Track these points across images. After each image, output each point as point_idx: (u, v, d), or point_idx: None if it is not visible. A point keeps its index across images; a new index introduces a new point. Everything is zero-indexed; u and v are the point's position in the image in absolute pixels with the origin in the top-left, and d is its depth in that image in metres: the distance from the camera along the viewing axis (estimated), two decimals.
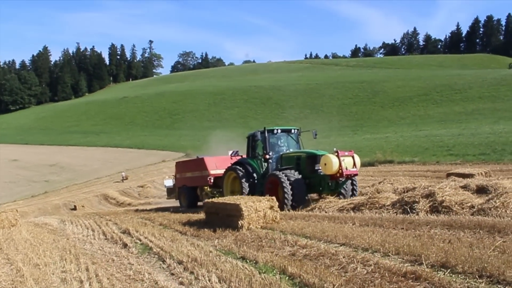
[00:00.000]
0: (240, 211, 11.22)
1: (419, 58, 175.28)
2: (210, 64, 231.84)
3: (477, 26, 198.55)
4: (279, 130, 16.85)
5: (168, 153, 68.83)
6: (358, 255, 7.19)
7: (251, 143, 17.32)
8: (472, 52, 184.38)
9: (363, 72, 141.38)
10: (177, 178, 23.00)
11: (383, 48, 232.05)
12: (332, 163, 13.98)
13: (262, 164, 16.79)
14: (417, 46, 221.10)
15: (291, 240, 9.04)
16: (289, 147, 17.18)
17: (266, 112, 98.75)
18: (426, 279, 5.64)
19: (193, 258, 8.12)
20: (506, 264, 5.75)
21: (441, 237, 8.01)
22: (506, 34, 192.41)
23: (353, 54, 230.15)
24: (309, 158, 15.40)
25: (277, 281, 6.27)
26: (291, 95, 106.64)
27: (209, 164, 19.72)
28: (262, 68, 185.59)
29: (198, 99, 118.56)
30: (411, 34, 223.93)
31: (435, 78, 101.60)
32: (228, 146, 22.45)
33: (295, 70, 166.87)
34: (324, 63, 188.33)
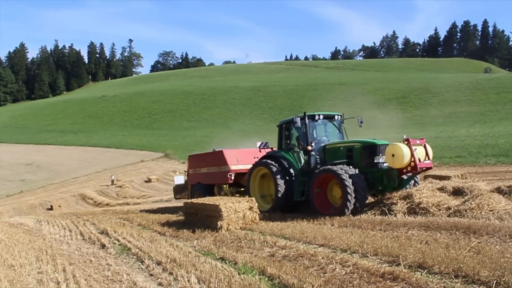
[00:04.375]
0: (220, 212, 11.24)
1: (398, 61, 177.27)
2: (190, 64, 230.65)
3: (454, 31, 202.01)
4: (321, 116, 14.18)
5: (147, 153, 68.29)
6: (337, 256, 7.26)
7: (284, 132, 14.86)
8: (449, 56, 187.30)
9: (343, 74, 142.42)
10: (189, 174, 19.85)
11: (362, 51, 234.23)
12: (403, 153, 11.35)
13: (299, 158, 14.15)
14: (396, 49, 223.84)
15: (271, 241, 9.07)
16: (331, 137, 14.46)
17: (245, 113, 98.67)
18: (404, 280, 5.72)
19: (172, 259, 8.08)
20: (481, 264, 5.87)
21: (418, 238, 8.14)
22: (482, 40, 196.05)
23: (333, 56, 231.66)
24: (366, 148, 12.67)
25: (257, 281, 6.28)
26: (271, 96, 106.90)
27: (230, 158, 16.77)
28: (242, 69, 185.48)
29: (177, 99, 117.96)
30: (390, 38, 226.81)
31: (413, 81, 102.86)
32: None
33: (275, 71, 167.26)
34: (304, 65, 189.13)
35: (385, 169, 12.29)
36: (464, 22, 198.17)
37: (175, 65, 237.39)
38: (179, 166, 53.32)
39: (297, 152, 14.21)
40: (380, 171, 12.35)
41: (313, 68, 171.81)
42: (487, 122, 49.69)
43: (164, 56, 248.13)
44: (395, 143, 11.72)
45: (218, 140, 38.20)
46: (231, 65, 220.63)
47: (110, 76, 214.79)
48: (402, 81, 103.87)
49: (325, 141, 14.14)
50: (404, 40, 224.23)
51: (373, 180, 12.34)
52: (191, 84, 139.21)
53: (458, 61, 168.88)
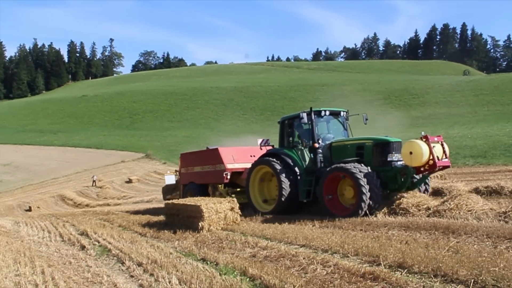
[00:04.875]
0: (201, 213, 11.22)
1: (379, 63, 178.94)
2: (172, 64, 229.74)
3: (434, 33, 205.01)
4: (327, 111, 13.35)
5: (127, 153, 67.76)
6: (318, 256, 7.29)
7: (286, 129, 14.13)
8: (429, 58, 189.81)
9: (324, 75, 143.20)
10: (182, 174, 18.84)
11: (344, 52, 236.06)
12: (422, 151, 10.80)
13: (304, 156, 13.36)
14: (377, 51, 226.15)
15: (252, 242, 9.07)
16: (336, 134, 13.77)
17: (227, 113, 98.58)
18: (384, 279, 5.77)
19: (153, 260, 8.03)
20: (459, 264, 5.96)
21: (398, 238, 8.22)
22: (461, 42, 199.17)
23: (314, 57, 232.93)
24: (378, 146, 11.96)
25: (238, 282, 6.28)
26: (253, 97, 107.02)
27: (225, 156, 15.93)
28: (224, 69, 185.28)
29: (159, 99, 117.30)
30: (371, 39, 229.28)
31: (394, 83, 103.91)
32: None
33: (257, 72, 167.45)
34: (286, 66, 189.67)
35: (399, 167, 11.67)
36: (444, 25, 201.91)
37: (157, 65, 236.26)
38: (160, 167, 53.06)
39: (301, 150, 13.47)
40: (394, 170, 11.70)
41: (294, 69, 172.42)
42: (465, 124, 50.39)
43: (145, 56, 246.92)
44: (413, 140, 11.13)
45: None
46: (213, 65, 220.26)
47: (91, 75, 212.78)
48: (383, 83, 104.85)
49: (330, 138, 13.42)
50: (385, 42, 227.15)
51: (386, 179, 11.69)
52: (172, 84, 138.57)
53: (437, 64, 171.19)
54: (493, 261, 6.01)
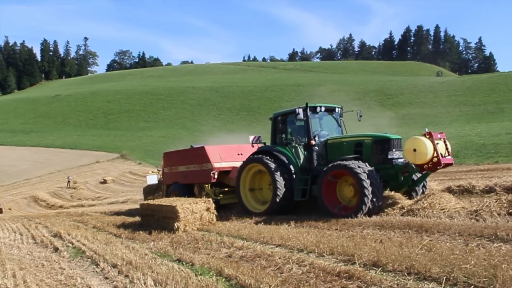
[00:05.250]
0: (176, 213, 11.18)
1: (354, 64, 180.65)
2: (148, 64, 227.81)
3: (408, 35, 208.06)
4: (322, 107, 12.85)
5: (102, 153, 67.00)
6: (293, 256, 7.32)
7: (278, 125, 13.56)
8: (403, 59, 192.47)
9: (300, 75, 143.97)
10: (165, 174, 18.04)
11: (319, 53, 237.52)
12: (426, 148, 10.42)
13: (298, 154, 12.80)
14: (352, 52, 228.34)
15: (228, 242, 9.07)
16: (330, 131, 13.18)
17: (203, 113, 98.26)
18: (359, 278, 5.82)
19: (128, 261, 7.96)
20: (432, 262, 6.05)
21: (373, 237, 8.31)
22: (434, 44, 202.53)
23: (290, 57, 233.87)
24: (378, 143, 11.51)
25: (214, 283, 6.27)
26: (229, 97, 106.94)
27: (212, 155, 15.26)
28: (200, 69, 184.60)
29: (134, 99, 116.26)
30: (347, 40, 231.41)
31: (369, 83, 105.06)
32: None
33: (233, 72, 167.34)
34: (262, 66, 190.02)
35: (400, 165, 11.25)
36: (418, 27, 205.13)
37: (132, 65, 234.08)
38: (136, 167, 52.66)
39: (295, 147, 12.89)
40: (395, 168, 11.26)
41: (270, 69, 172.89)
42: (439, 124, 51.23)
43: (120, 55, 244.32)
44: (417, 137, 10.71)
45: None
46: (189, 65, 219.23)
47: (65, 74, 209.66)
48: (358, 83, 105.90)
49: (325, 135, 12.88)
50: (360, 43, 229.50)
51: (386, 177, 11.26)
52: (148, 84, 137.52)
53: (411, 65, 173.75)
54: (464, 258, 6.12)
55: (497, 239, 7.23)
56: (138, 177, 46.92)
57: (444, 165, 10.82)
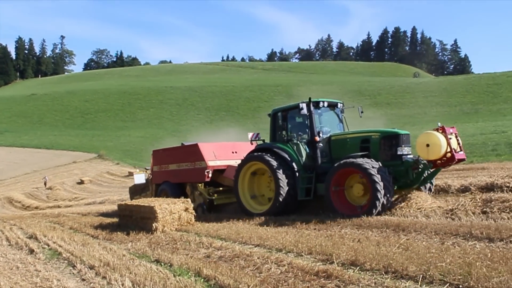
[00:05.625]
0: (155, 214, 11.12)
1: (332, 64, 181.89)
2: (126, 63, 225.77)
3: (386, 36, 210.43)
4: (325, 103, 12.47)
5: (79, 153, 66.20)
6: (272, 256, 7.34)
7: (278, 121, 13.03)
8: (381, 60, 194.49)
9: (279, 76, 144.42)
10: (154, 172, 17.28)
11: (298, 53, 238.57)
12: (440, 143, 10.00)
13: (300, 151, 12.23)
14: (330, 52, 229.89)
15: (206, 242, 9.04)
16: (332, 127, 12.68)
17: (181, 113, 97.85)
18: (337, 277, 5.87)
19: (106, 263, 7.88)
20: (409, 260, 6.13)
21: (351, 236, 8.38)
22: (411, 45, 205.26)
23: (269, 58, 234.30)
24: (386, 139, 11.04)
25: (192, 283, 6.25)
26: (207, 97, 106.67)
27: (206, 152, 14.61)
28: (178, 69, 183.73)
29: (111, 99, 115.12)
30: (325, 41, 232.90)
31: (347, 84, 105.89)
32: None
33: (211, 72, 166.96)
34: (241, 66, 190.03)
35: (411, 161, 10.81)
36: (395, 28, 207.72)
37: (110, 64, 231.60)
38: (113, 167, 52.20)
39: (297, 144, 12.34)
40: (405, 164, 10.78)
41: (249, 69, 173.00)
42: (415, 124, 51.87)
43: (98, 54, 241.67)
44: (430, 132, 10.30)
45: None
46: (167, 64, 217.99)
47: (40, 73, 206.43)
48: (337, 84, 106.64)
49: (327, 131, 12.36)
50: (339, 44, 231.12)
51: (395, 174, 10.69)
52: (126, 83, 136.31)
53: (389, 65, 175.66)
54: (440, 256, 6.23)
55: (471, 238, 7.37)
56: (116, 178, 46.53)
57: (457, 161, 10.46)
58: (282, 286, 5.82)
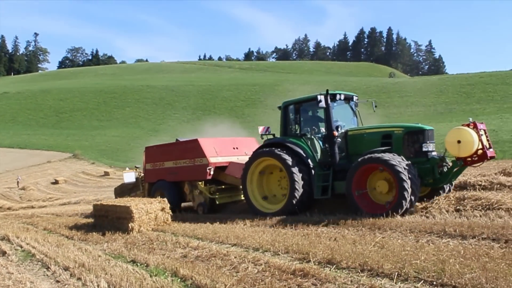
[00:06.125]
0: (131, 214, 11.04)
1: (309, 64, 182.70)
2: (101, 61, 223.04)
3: (362, 36, 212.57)
4: (342, 95, 11.75)
5: (54, 153, 65.13)
6: (249, 255, 7.35)
7: (290, 115, 12.26)
8: (357, 60, 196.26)
9: (256, 75, 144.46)
10: (147, 171, 16.30)
11: (275, 52, 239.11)
12: (473, 139, 9.46)
13: (314, 147, 11.60)
14: (307, 52, 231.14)
15: (183, 242, 9.02)
16: (347, 122, 11.99)
17: (158, 112, 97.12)
18: (314, 276, 5.91)
19: (81, 264, 7.77)
20: (384, 258, 6.21)
21: (327, 235, 8.46)
22: (387, 46, 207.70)
23: (246, 57, 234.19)
24: (410, 134, 10.48)
25: (169, 283, 6.22)
26: (184, 96, 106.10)
27: (207, 148, 13.84)
28: (155, 67, 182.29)
29: (87, 97, 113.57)
30: (302, 41, 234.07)
31: (324, 83, 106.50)
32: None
33: (188, 71, 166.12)
34: (218, 65, 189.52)
35: (437, 159, 10.32)
36: (371, 29, 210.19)
37: (85, 62, 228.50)
38: (89, 167, 51.59)
39: (311, 139, 11.70)
40: (431, 162, 10.23)
41: (226, 69, 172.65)
42: None
43: (73, 52, 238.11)
44: (462, 127, 9.77)
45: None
46: (144, 63, 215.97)
47: (13, 71, 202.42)
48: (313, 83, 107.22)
49: (342, 126, 11.64)
50: (315, 44, 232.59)
51: (420, 172, 10.01)
52: (101, 82, 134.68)
53: (365, 65, 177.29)
54: (415, 254, 6.32)
55: (445, 235, 7.51)
56: (92, 177, 45.97)
57: (489, 158, 9.94)
58: (259, 285, 5.83)
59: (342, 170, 10.82)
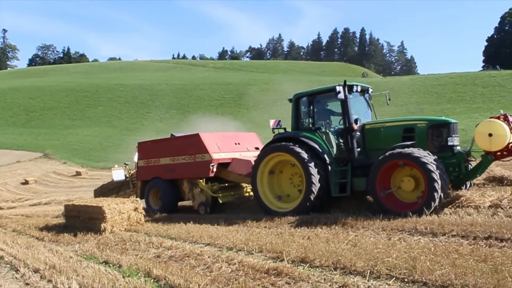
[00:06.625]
0: (103, 214, 10.93)
1: (283, 64, 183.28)
2: (73, 59, 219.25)
3: (335, 36, 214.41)
4: (358, 87, 11.18)
5: (23, 153, 63.74)
6: (223, 255, 7.35)
7: (302, 107, 11.63)
8: (331, 60, 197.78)
9: (230, 74, 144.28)
10: (140, 168, 15.40)
11: (249, 52, 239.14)
12: (505, 132, 8.96)
13: (330, 141, 11.00)
14: (281, 51, 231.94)
15: (156, 242, 8.96)
16: (360, 115, 11.19)
17: (131, 111, 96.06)
18: (287, 274, 5.94)
19: (51, 265, 7.64)
20: (357, 256, 6.29)
21: (301, 234, 8.51)
22: (360, 46, 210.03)
23: (220, 56, 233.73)
24: (435, 128, 9.97)
25: (142, 284, 6.17)
26: (158, 95, 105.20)
27: (209, 144, 13.08)
28: (128, 66, 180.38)
29: (58, 96, 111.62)
30: (276, 40, 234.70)
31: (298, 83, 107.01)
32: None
33: (162, 69, 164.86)
34: (192, 64, 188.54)
35: (463, 153, 9.89)
36: (344, 29, 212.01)
37: (56, 60, 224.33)
38: (60, 167, 50.77)
39: (326, 133, 11.10)
40: (458, 156, 9.78)
41: (200, 68, 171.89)
42: None
43: (43, 50, 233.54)
44: (492, 120, 9.24)
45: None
46: (117, 62, 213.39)
47: None
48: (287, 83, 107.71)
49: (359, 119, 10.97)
50: (290, 43, 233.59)
51: (446, 167, 9.41)
52: (73, 80, 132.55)
53: (338, 65, 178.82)
54: (387, 252, 6.42)
55: (416, 233, 7.64)
56: (63, 177, 45.22)
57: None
58: (232, 285, 5.83)
59: (360, 166, 10.39)
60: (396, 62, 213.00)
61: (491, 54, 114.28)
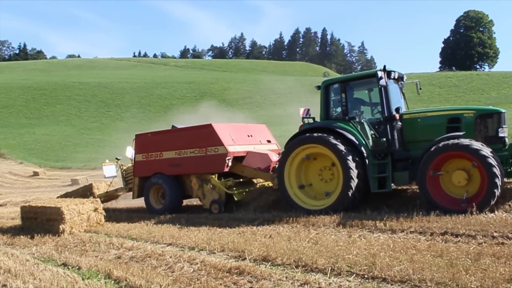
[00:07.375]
0: (61, 215, 10.68)
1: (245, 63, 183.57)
2: (30, 56, 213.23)
3: (297, 36, 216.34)
4: (396, 74, 10.26)
5: None
6: (184, 254, 7.32)
7: (332, 95, 10.74)
8: (292, 60, 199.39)
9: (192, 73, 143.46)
10: (138, 163, 13.87)
11: (211, 50, 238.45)
12: None
13: (365, 132, 10.17)
14: (243, 50, 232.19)
15: (117, 243, 8.84)
16: (395, 104, 10.07)
17: (91, 110, 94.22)
18: (249, 273, 5.96)
19: (6, 269, 7.40)
20: (318, 254, 6.37)
21: (262, 232, 8.55)
22: (321, 46, 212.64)
23: (182, 55, 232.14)
24: (483, 118, 9.21)
25: (102, 286, 6.07)
26: (118, 93, 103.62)
27: (223, 135, 11.89)
28: (87, 64, 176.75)
29: (14, 94, 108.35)
30: (238, 39, 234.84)
31: (260, 82, 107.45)
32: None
33: (122, 67, 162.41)
34: (153, 62, 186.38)
35: None
36: (306, 29, 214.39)
37: (11, 56, 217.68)
38: (16, 167, 49.37)
39: (361, 123, 10.33)
40: (510, 149, 9.02)
41: (161, 66, 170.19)
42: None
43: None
44: None
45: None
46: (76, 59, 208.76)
47: None
48: (249, 82, 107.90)
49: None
50: (252, 43, 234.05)
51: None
52: (30, 78, 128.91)
53: (300, 65, 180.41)
54: (347, 249, 6.53)
55: (376, 230, 7.81)
56: (19, 178, 43.98)
57: None
58: (194, 285, 5.81)
59: (400, 159, 9.67)
60: (356, 62, 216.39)
61: (447, 56, 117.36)
